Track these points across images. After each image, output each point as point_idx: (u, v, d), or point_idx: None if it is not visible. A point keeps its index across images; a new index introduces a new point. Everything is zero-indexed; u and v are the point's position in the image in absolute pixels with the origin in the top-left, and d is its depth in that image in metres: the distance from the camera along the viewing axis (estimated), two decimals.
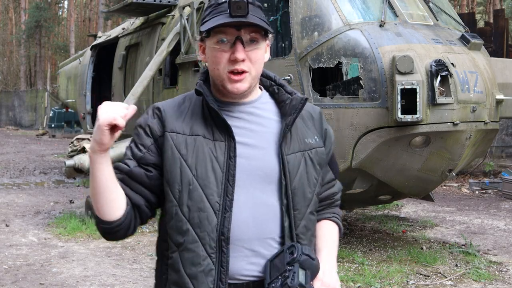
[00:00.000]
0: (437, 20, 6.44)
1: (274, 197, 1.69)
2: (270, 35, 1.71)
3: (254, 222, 1.66)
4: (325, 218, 1.88)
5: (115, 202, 1.66)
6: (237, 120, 1.71)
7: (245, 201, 1.66)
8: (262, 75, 1.78)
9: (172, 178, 1.67)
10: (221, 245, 1.63)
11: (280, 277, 1.58)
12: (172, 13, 9.10)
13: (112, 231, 1.68)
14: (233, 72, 1.65)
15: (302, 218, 1.71)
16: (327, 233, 1.85)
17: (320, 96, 6.09)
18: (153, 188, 1.72)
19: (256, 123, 1.73)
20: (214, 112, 1.68)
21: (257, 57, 1.67)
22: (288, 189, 1.69)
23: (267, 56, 1.74)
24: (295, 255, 1.60)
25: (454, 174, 6.17)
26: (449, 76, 5.66)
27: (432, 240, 7.25)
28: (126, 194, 1.69)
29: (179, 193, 1.67)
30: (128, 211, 1.69)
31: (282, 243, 1.69)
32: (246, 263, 1.66)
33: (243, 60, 1.64)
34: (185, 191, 1.66)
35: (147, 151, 1.72)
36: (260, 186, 1.69)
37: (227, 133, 1.67)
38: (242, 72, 1.65)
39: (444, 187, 11.93)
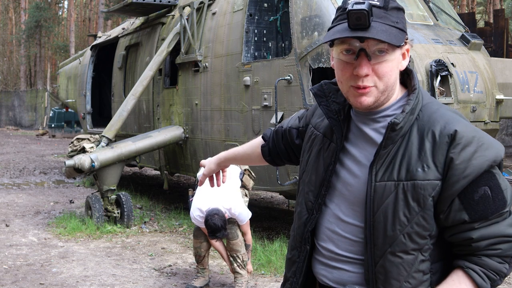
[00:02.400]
0: (437, 20, 6.44)
1: (356, 221, 1.61)
2: (405, 41, 1.54)
3: (335, 234, 1.65)
4: (457, 267, 1.54)
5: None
6: (356, 129, 1.64)
7: (332, 210, 1.66)
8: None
9: (300, 165, 1.84)
10: (305, 242, 1.71)
11: None
12: (172, 13, 9.10)
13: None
14: (357, 87, 1.53)
15: (381, 256, 1.54)
16: (444, 283, 1.53)
17: None
18: (295, 151, 1.97)
19: (371, 137, 1.61)
20: (328, 113, 1.68)
21: (385, 70, 1.51)
22: (369, 220, 1.55)
23: (405, 62, 1.58)
24: None
25: None
26: (449, 76, 5.66)
27: None
28: (276, 141, 2.02)
29: (298, 183, 1.82)
30: (263, 152, 2.07)
31: (358, 263, 1.61)
32: (321, 266, 1.71)
33: (367, 75, 1.51)
34: (298, 181, 1.81)
35: (301, 127, 1.92)
36: (346, 203, 1.63)
37: (338, 138, 1.65)
38: (365, 87, 1.53)
39: None
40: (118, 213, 7.79)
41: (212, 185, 2.27)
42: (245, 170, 5.44)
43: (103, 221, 7.63)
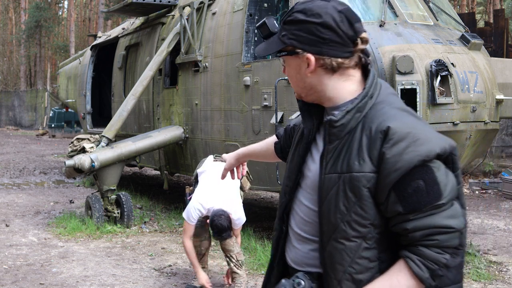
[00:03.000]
0: (437, 20, 6.44)
1: (310, 204, 1.78)
2: (284, 52, 1.75)
3: (296, 215, 1.83)
4: (400, 257, 1.62)
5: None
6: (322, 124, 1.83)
7: (298, 193, 1.84)
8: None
9: None
10: (282, 222, 1.87)
11: None
12: (172, 13, 9.10)
13: None
14: None
15: (327, 242, 1.67)
16: (385, 274, 1.63)
17: None
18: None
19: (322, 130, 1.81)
20: (302, 108, 1.86)
21: (287, 72, 1.80)
22: (319, 208, 1.70)
23: (310, 68, 1.70)
24: None
25: None
26: (449, 76, 5.66)
27: None
28: (286, 139, 2.21)
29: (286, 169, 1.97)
30: (276, 149, 2.26)
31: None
32: (287, 244, 1.87)
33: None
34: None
35: (291, 129, 2.16)
36: (306, 188, 1.81)
37: (308, 130, 1.85)
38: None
39: None
40: (118, 213, 7.79)
41: (233, 177, 2.46)
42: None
43: (103, 221, 7.62)
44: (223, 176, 2.47)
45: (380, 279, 1.62)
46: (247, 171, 5.49)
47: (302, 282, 1.71)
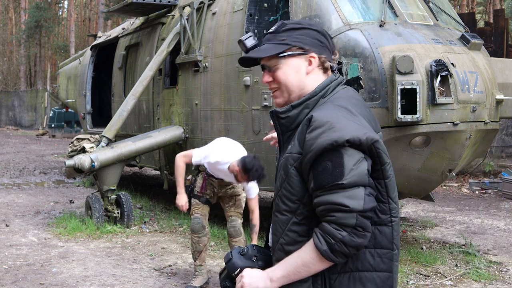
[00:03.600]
0: (437, 20, 6.44)
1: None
2: (288, 54, 1.95)
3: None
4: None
5: None
6: None
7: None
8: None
9: None
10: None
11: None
12: (172, 13, 9.10)
13: None
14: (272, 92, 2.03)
15: (272, 216, 1.96)
16: (305, 244, 1.87)
17: None
18: None
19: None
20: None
21: (279, 75, 1.97)
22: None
23: (311, 67, 1.96)
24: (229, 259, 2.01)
25: (454, 174, 6.17)
26: (449, 76, 5.66)
27: (432, 240, 7.25)
28: None
29: None
30: None
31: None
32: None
33: (270, 82, 2.00)
34: None
35: None
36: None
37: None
38: (274, 90, 2.01)
39: (444, 187, 11.93)
40: (118, 213, 7.79)
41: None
42: None
43: (103, 221, 7.62)
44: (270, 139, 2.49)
45: (295, 252, 1.84)
46: None
47: (246, 249, 1.99)
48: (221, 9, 7.62)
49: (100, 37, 12.57)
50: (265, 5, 7.34)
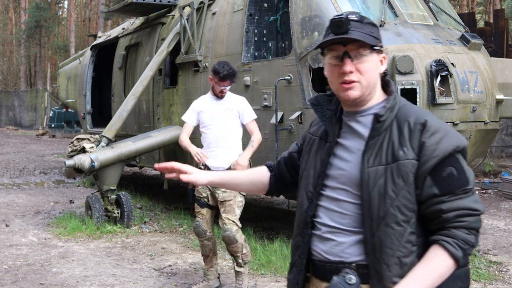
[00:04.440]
0: (437, 20, 6.44)
1: (348, 198, 1.89)
2: (378, 48, 1.89)
3: (329, 211, 1.92)
4: (433, 242, 1.79)
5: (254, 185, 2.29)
6: (347, 127, 1.96)
7: (327, 193, 1.94)
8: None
9: (300, 168, 2.11)
10: (307, 226, 1.96)
11: None
12: (172, 13, 9.10)
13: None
14: (344, 82, 1.88)
15: (377, 228, 1.80)
16: (423, 260, 1.77)
17: None
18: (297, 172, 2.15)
19: (358, 131, 1.93)
20: (322, 118, 2.01)
21: (366, 68, 1.87)
22: (365, 199, 1.83)
23: (383, 67, 1.93)
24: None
25: None
26: (449, 76, 5.66)
27: None
28: (281, 171, 2.24)
29: (299, 180, 2.08)
30: (271, 180, 2.25)
31: (355, 234, 1.86)
32: (317, 240, 1.95)
33: (351, 72, 1.87)
34: (299, 180, 2.07)
35: (300, 146, 2.20)
36: (338, 184, 1.92)
37: (331, 136, 1.97)
38: (351, 81, 1.87)
39: None
40: (118, 213, 7.79)
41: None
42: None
43: (103, 221, 7.62)
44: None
45: (419, 265, 1.76)
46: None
47: (353, 278, 1.81)
48: (221, 9, 7.63)
49: (100, 37, 12.57)
50: (265, 5, 7.33)
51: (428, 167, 1.77)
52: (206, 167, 5.07)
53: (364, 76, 1.87)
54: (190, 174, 2.11)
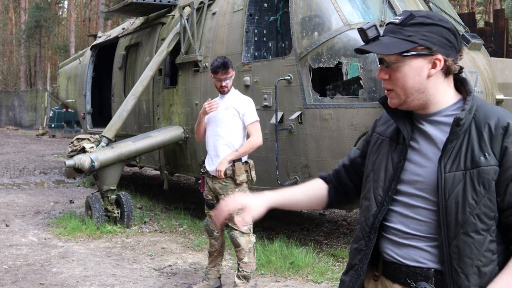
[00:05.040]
0: None
1: (424, 204, 1.83)
2: (414, 52, 1.78)
3: (404, 217, 1.86)
4: None
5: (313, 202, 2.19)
6: (418, 130, 1.89)
7: (401, 199, 1.88)
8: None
9: (365, 169, 2.04)
10: (374, 232, 1.90)
11: None
12: (172, 13, 9.10)
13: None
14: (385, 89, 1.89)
15: (454, 237, 1.74)
16: (505, 270, 1.72)
17: (320, 96, 6.10)
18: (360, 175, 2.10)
19: (431, 135, 1.86)
20: (395, 118, 1.92)
21: (398, 76, 1.80)
22: (442, 206, 1.76)
23: (435, 70, 1.79)
24: None
25: None
26: None
27: None
28: (341, 179, 2.15)
29: (364, 182, 2.02)
30: (329, 192, 2.16)
31: (430, 245, 1.82)
32: (390, 244, 1.90)
33: (386, 79, 1.85)
34: (365, 181, 2.00)
35: (364, 150, 2.12)
36: (414, 190, 1.85)
37: (407, 138, 1.88)
38: (387, 89, 1.86)
39: None
40: (118, 213, 7.79)
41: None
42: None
43: (103, 221, 7.62)
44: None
45: (502, 276, 1.70)
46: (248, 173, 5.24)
47: None
48: (221, 9, 7.63)
49: (100, 37, 12.57)
50: (265, 5, 7.33)
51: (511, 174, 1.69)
52: (207, 172, 5.10)
53: (398, 84, 1.81)
54: (246, 211, 1.96)
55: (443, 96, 1.83)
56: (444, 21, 1.81)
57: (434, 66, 1.79)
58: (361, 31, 1.83)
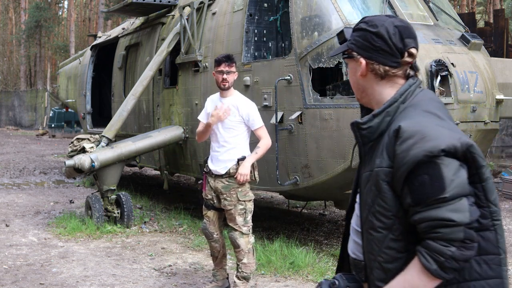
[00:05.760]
0: (437, 20, 6.44)
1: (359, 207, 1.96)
2: (346, 54, 1.96)
3: (354, 219, 2.03)
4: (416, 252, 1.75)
5: None
6: None
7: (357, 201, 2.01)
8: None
9: None
10: (345, 228, 2.11)
11: None
12: (172, 13, 9.10)
13: None
14: None
15: (363, 233, 1.87)
16: (404, 270, 1.75)
17: (320, 96, 6.10)
18: None
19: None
20: None
21: (349, 76, 2.01)
22: (359, 204, 1.92)
23: (360, 72, 1.92)
24: None
25: None
26: (449, 76, 5.66)
27: None
28: None
29: None
30: None
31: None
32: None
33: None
34: None
35: None
36: (358, 193, 1.99)
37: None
38: None
39: None
40: (118, 213, 7.79)
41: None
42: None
43: (103, 221, 7.62)
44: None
45: (399, 275, 1.75)
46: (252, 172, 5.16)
47: (337, 282, 1.91)
48: (221, 9, 7.62)
49: (100, 37, 12.57)
50: (265, 5, 7.33)
51: (401, 176, 1.71)
52: (209, 171, 5.06)
53: (350, 82, 2.01)
54: None
55: (379, 96, 1.91)
56: (374, 26, 1.88)
57: (359, 70, 1.93)
58: (340, 33, 2.00)
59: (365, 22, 1.92)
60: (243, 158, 4.97)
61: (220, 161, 4.98)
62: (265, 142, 5.04)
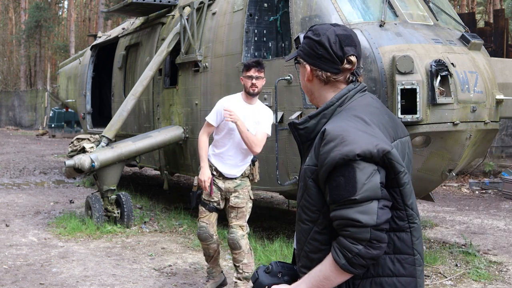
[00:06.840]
0: (437, 20, 6.44)
1: None
2: (296, 60, 2.08)
3: None
4: None
5: None
6: None
7: None
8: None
9: None
10: None
11: None
12: (172, 13, 9.10)
13: None
14: None
15: (296, 225, 2.02)
16: (322, 262, 1.89)
17: None
18: None
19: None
20: None
21: (300, 79, 2.15)
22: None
23: (307, 77, 2.04)
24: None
25: (454, 174, 6.17)
26: (449, 76, 5.65)
27: (432, 240, 7.25)
28: None
29: None
30: None
31: None
32: None
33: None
34: None
35: None
36: None
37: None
38: None
39: (444, 187, 11.93)
40: (118, 213, 7.79)
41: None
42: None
43: (103, 221, 7.62)
44: None
45: (318, 265, 1.88)
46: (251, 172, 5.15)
47: (270, 267, 2.05)
48: (221, 9, 7.62)
49: (100, 37, 12.57)
50: (265, 5, 7.33)
51: (323, 175, 1.84)
52: (219, 173, 4.97)
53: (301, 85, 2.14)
54: None
55: (324, 99, 2.02)
56: (317, 35, 1.99)
57: (306, 75, 2.04)
58: (297, 38, 2.12)
59: (312, 30, 2.03)
60: (256, 159, 5.06)
61: (238, 166, 4.96)
62: (256, 139, 4.81)
